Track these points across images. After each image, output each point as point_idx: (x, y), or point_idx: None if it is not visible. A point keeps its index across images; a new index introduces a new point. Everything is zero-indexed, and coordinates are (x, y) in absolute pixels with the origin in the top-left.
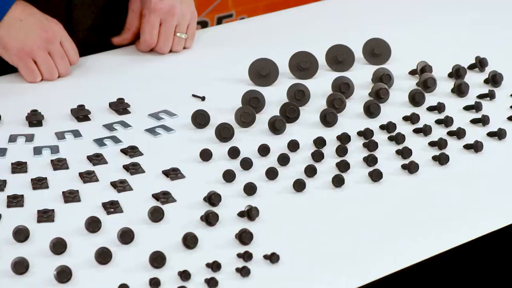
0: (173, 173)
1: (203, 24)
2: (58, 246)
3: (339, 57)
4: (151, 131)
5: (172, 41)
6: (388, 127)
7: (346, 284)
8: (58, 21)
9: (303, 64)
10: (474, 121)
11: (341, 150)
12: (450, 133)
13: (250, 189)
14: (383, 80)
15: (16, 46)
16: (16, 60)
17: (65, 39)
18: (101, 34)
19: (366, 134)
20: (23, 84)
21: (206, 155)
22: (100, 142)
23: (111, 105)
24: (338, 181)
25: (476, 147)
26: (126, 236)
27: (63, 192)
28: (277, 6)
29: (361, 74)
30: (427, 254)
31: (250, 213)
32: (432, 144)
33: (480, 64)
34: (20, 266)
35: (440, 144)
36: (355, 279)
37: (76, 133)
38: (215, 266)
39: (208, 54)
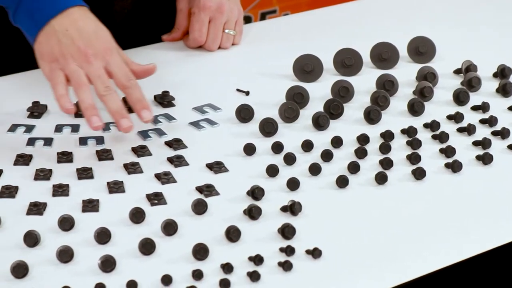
0: (216, 167)
1: (246, 20)
2: (103, 236)
3: (384, 54)
4: (195, 124)
5: (220, 39)
6: (432, 125)
7: (387, 281)
8: (110, 38)
9: (347, 61)
10: None
11: (385, 148)
12: (494, 133)
13: (293, 184)
14: (427, 79)
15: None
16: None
17: (113, 62)
18: (138, 26)
19: (409, 132)
20: None
21: (249, 149)
22: (144, 134)
23: (156, 97)
24: (381, 178)
25: None
26: (170, 228)
27: (108, 183)
28: (320, 3)
29: (405, 72)
30: (469, 253)
31: (293, 208)
32: (476, 143)
33: None
34: (65, 255)
35: (484, 143)
36: (396, 276)
37: None
38: (257, 259)
39: (253, 49)
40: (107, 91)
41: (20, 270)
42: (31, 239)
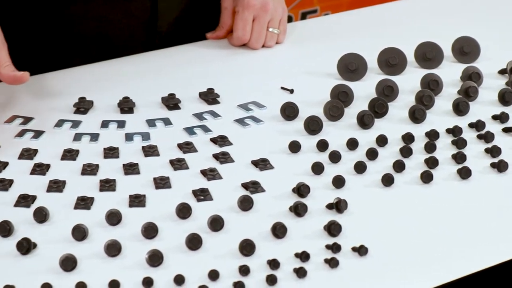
0: (262, 164)
1: (288, 19)
2: (150, 231)
3: (428, 54)
4: (240, 121)
5: (264, 37)
6: (477, 125)
7: (433, 279)
8: None
9: (392, 60)
10: None
11: (430, 147)
12: None
13: (338, 181)
14: (472, 79)
15: None
16: None
17: None
18: (184, 27)
19: (455, 131)
20: (115, 71)
21: (295, 147)
22: (190, 130)
23: (201, 95)
24: (426, 177)
25: None
26: (216, 224)
27: (154, 178)
28: (361, 3)
29: (449, 72)
30: None
31: (338, 206)
32: None
33: None
34: (113, 249)
35: None
36: (442, 274)
37: (167, 121)
38: (304, 256)
39: (296, 47)
40: None
41: (68, 263)
42: (79, 233)
